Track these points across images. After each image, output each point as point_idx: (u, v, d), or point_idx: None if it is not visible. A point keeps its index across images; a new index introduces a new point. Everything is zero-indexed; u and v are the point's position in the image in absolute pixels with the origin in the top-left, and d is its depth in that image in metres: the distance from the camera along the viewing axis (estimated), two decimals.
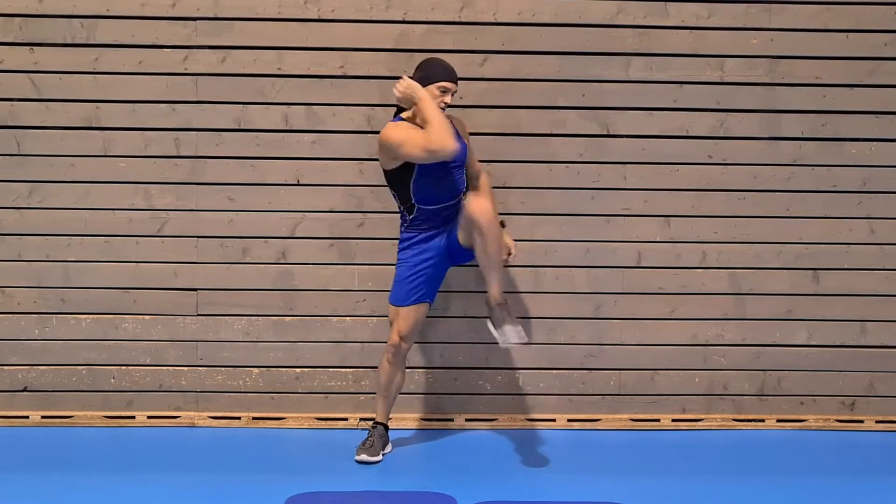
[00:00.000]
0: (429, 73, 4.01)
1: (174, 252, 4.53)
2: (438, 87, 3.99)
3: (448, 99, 4.02)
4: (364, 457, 4.08)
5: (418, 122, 4.00)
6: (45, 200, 4.50)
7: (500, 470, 4.07)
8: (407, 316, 4.08)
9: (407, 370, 4.52)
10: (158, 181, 4.50)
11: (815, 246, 4.61)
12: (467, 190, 4.18)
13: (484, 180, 4.32)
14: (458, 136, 4.06)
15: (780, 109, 4.56)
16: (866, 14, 4.53)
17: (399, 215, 4.16)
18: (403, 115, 4.08)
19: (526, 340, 3.94)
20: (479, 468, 4.08)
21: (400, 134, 3.95)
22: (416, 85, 3.96)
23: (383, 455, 4.15)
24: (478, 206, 3.85)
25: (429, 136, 3.85)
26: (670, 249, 4.60)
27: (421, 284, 4.07)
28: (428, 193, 4.03)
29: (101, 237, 4.51)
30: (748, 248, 4.60)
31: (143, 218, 4.51)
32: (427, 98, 3.93)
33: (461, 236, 3.99)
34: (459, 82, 4.45)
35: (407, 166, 3.98)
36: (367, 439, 4.15)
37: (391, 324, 4.13)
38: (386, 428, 4.24)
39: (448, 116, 4.01)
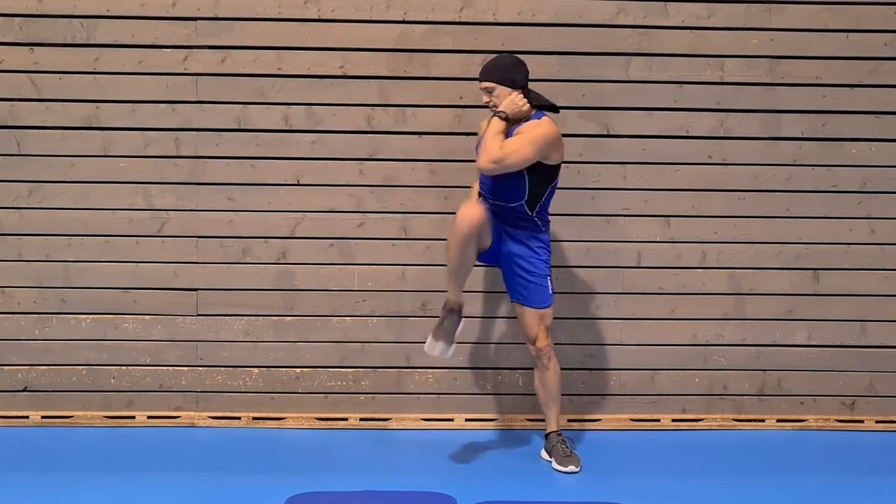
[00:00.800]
0: (520, 78, 3.99)
1: (174, 252, 4.53)
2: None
3: (486, 98, 4.03)
4: (441, 345, 3.97)
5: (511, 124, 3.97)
6: (45, 200, 4.50)
7: (500, 470, 4.07)
8: (552, 311, 4.08)
9: (408, 370, 4.54)
10: (158, 181, 4.50)
11: (815, 246, 4.61)
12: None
13: None
14: None
15: (780, 109, 4.57)
16: (866, 14, 4.53)
17: (525, 217, 4.01)
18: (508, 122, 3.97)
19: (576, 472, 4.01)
20: (479, 468, 4.08)
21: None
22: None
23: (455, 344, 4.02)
24: (535, 332, 4.07)
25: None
26: (670, 249, 4.60)
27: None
28: (553, 194, 4.06)
29: (101, 237, 4.51)
30: (748, 248, 4.61)
31: (143, 218, 4.51)
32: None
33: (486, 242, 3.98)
34: (459, 82, 4.48)
35: (555, 166, 3.97)
36: (443, 323, 4.00)
37: (532, 330, 4.04)
38: (461, 310, 4.04)
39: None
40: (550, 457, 4.10)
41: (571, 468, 4.01)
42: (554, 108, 4.06)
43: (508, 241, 4.00)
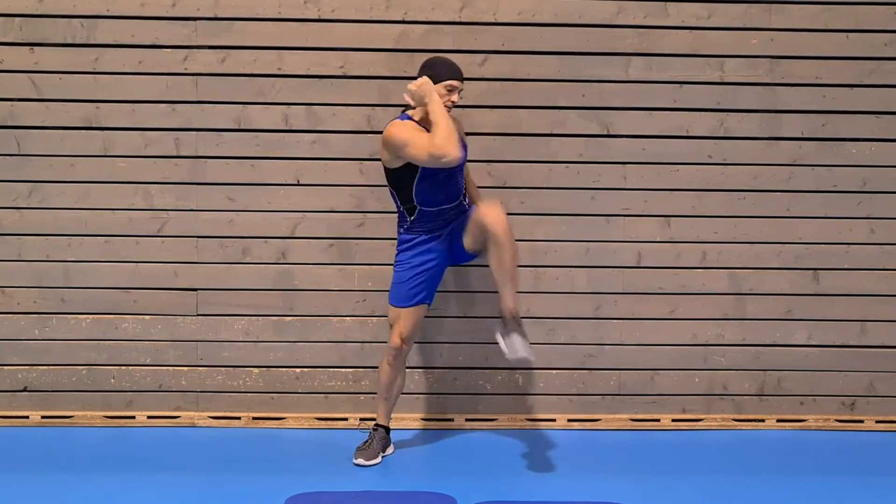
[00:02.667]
0: (435, 71, 3.96)
1: (174, 252, 4.53)
2: (446, 87, 3.95)
3: (455, 98, 3.98)
4: (361, 460, 4.06)
5: (423, 123, 3.97)
6: (45, 200, 4.50)
7: (500, 470, 4.07)
8: (408, 317, 4.07)
9: (407, 370, 4.53)
10: (158, 181, 4.50)
11: (815, 246, 4.61)
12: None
13: (472, 178, 4.36)
14: (461, 137, 4.06)
15: (780, 109, 4.56)
16: (866, 14, 4.53)
17: (397, 216, 4.14)
18: (410, 112, 4.05)
19: (532, 359, 3.90)
20: (479, 468, 4.08)
21: (405, 133, 3.91)
22: (430, 84, 3.91)
23: (383, 457, 4.14)
24: (493, 215, 3.81)
25: (434, 140, 3.80)
26: (670, 249, 4.60)
27: (422, 285, 4.06)
28: (431, 195, 4.00)
29: (101, 237, 4.51)
30: (748, 248, 4.60)
31: (143, 218, 4.51)
32: (438, 101, 3.89)
33: (468, 241, 3.98)
34: None
35: (410, 167, 3.95)
36: (366, 442, 4.14)
37: (391, 326, 4.12)
38: (387, 430, 4.22)
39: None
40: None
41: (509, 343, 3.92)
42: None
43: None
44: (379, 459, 4.11)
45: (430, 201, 4.01)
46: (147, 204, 4.51)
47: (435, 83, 3.93)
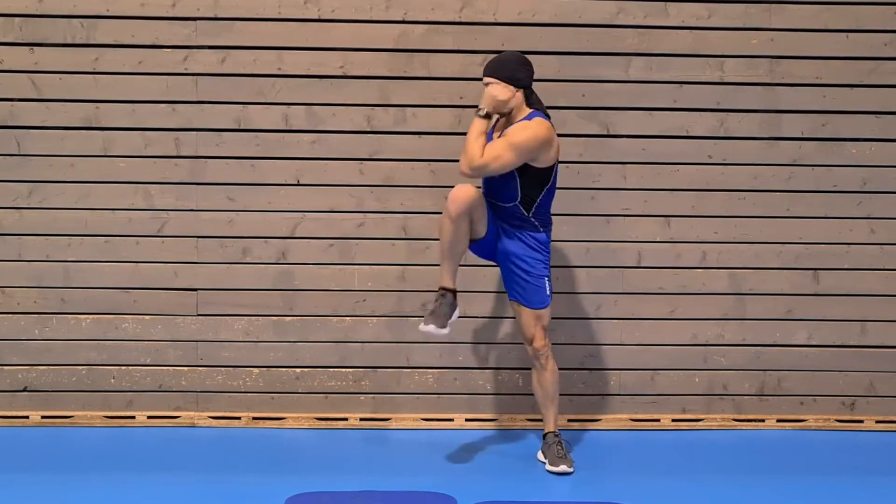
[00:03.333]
0: (525, 76, 3.95)
1: (174, 252, 4.53)
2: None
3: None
4: (432, 326, 3.86)
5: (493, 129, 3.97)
6: (45, 200, 4.50)
7: (500, 470, 4.07)
8: (549, 312, 4.06)
9: (407, 370, 4.54)
10: (158, 181, 4.50)
11: (815, 246, 4.61)
12: None
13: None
14: None
15: (780, 109, 4.56)
16: (866, 14, 4.53)
17: (534, 218, 3.98)
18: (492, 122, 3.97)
19: (446, 332, 3.88)
20: (479, 468, 4.08)
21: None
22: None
23: (450, 326, 3.93)
24: (529, 326, 4.03)
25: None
26: (670, 249, 4.60)
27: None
28: (551, 195, 4.02)
29: (101, 237, 4.51)
30: (748, 248, 4.60)
31: (143, 218, 4.51)
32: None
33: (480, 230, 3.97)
34: (459, 82, 4.48)
35: (546, 169, 3.92)
36: (434, 308, 3.91)
37: (529, 330, 4.01)
38: (454, 294, 3.95)
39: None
40: (545, 458, 4.10)
41: (563, 468, 3.99)
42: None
43: (506, 239, 3.99)
44: (447, 330, 3.91)
45: (550, 201, 4.04)
46: (147, 204, 4.51)
47: (524, 86, 3.94)
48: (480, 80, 4.48)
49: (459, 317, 4.53)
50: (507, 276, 4.05)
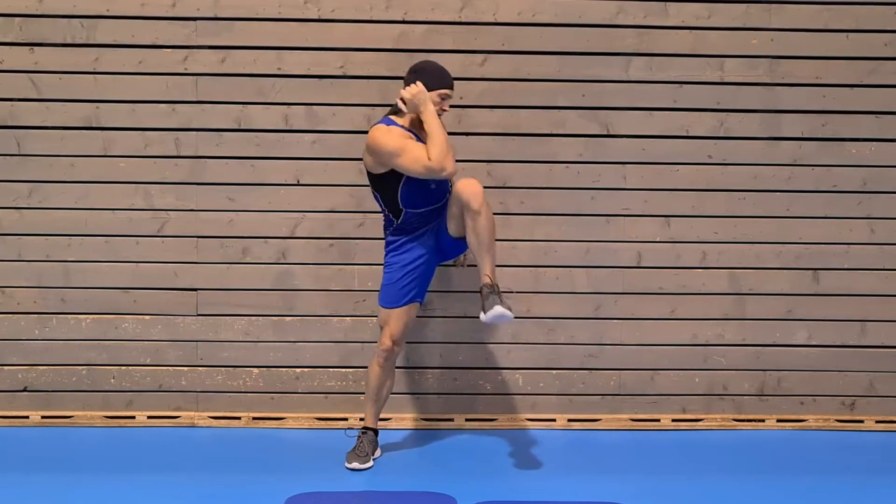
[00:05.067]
0: (428, 78, 3.91)
1: (174, 252, 4.53)
2: (439, 95, 3.91)
3: (447, 106, 3.95)
4: (356, 465, 4.00)
5: (411, 128, 3.93)
6: (45, 200, 4.50)
7: (500, 470, 4.07)
8: (399, 317, 4.03)
9: (407, 370, 4.54)
10: (158, 181, 4.50)
11: (815, 246, 4.61)
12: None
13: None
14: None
15: (780, 109, 4.57)
16: (866, 14, 4.53)
17: (383, 218, 4.11)
18: (393, 117, 3.98)
19: (511, 317, 3.79)
20: (479, 468, 4.08)
21: (395, 143, 3.85)
22: (426, 93, 3.87)
23: (374, 461, 4.09)
24: (467, 186, 3.78)
25: (431, 154, 3.78)
26: (670, 249, 4.60)
27: (412, 284, 4.02)
28: (417, 198, 3.96)
29: (101, 237, 4.51)
30: (748, 248, 4.60)
31: (143, 218, 4.51)
32: (433, 111, 3.85)
33: (451, 227, 3.94)
34: (459, 82, 4.46)
35: (395, 172, 3.90)
36: (357, 446, 4.08)
37: (381, 328, 4.09)
38: (376, 433, 4.17)
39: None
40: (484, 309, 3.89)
41: (500, 310, 3.79)
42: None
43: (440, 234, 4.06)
44: (371, 463, 4.05)
45: (417, 203, 3.98)
46: (147, 204, 4.51)
47: (429, 90, 3.89)
48: (480, 80, 4.52)
49: (458, 317, 4.56)
50: (433, 270, 4.14)
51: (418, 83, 3.89)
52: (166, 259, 4.52)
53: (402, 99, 3.92)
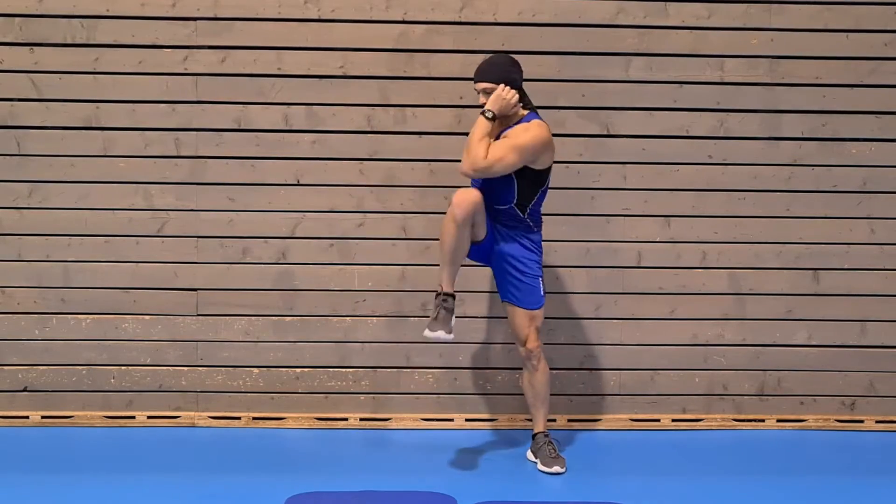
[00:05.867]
0: (519, 76, 3.95)
1: (174, 252, 4.53)
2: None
3: (483, 99, 3.97)
4: (441, 333, 3.87)
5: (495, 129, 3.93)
6: (45, 200, 4.50)
7: (500, 470, 4.07)
8: (543, 312, 4.06)
9: (407, 370, 4.54)
10: (158, 181, 4.50)
11: (815, 246, 4.61)
12: None
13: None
14: None
15: (780, 109, 4.56)
16: (866, 14, 4.53)
17: (528, 219, 4.01)
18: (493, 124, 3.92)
19: (451, 337, 3.90)
20: (479, 468, 4.08)
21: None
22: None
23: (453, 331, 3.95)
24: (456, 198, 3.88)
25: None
26: (670, 249, 4.60)
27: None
28: (544, 196, 4.04)
29: (101, 237, 4.51)
30: (748, 248, 4.60)
31: (143, 218, 4.51)
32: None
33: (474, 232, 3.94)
34: (459, 82, 4.47)
35: (544, 170, 3.94)
36: (438, 314, 3.90)
37: (523, 331, 4.01)
38: (453, 297, 3.95)
39: None
40: (536, 458, 4.09)
41: (556, 469, 3.99)
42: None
43: (500, 240, 3.99)
44: (453, 335, 3.92)
45: (542, 201, 4.05)
46: (147, 204, 4.51)
47: (519, 87, 3.94)
48: None
49: (458, 317, 4.55)
50: (502, 278, 4.05)
51: (507, 87, 3.90)
52: (166, 259, 4.52)
53: (495, 102, 3.89)
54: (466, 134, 4.48)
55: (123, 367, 4.55)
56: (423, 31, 4.48)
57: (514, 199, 3.94)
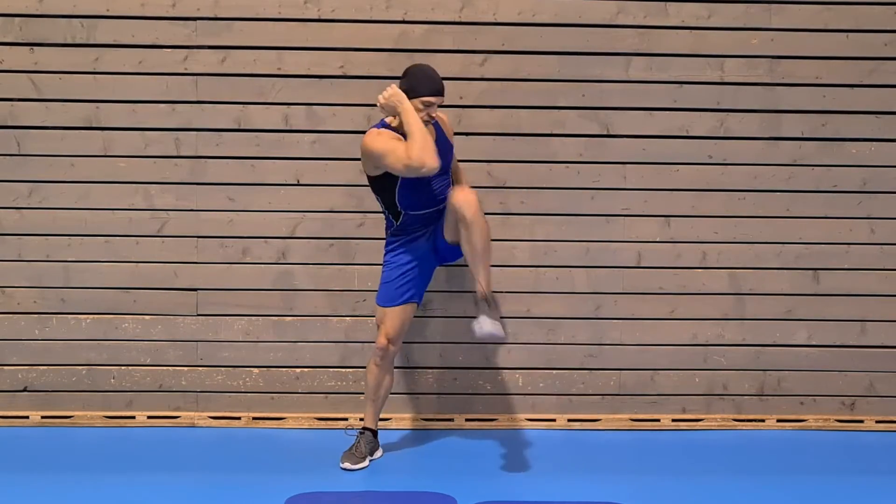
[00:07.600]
0: (414, 85, 3.88)
1: (174, 252, 4.53)
2: (422, 102, 3.86)
3: (433, 112, 3.91)
4: (348, 465, 4.00)
5: (402, 130, 3.90)
6: (45, 200, 4.50)
7: (500, 470, 4.07)
8: (395, 317, 4.04)
9: (407, 370, 4.54)
10: (158, 181, 4.50)
11: (815, 246, 4.61)
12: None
13: (461, 173, 4.30)
14: (445, 139, 4.03)
15: (780, 109, 4.57)
16: (866, 14, 4.53)
17: (384, 218, 4.12)
18: (388, 120, 3.98)
19: (501, 337, 3.89)
20: (479, 468, 4.08)
21: (383, 144, 3.86)
22: (401, 95, 3.84)
23: (370, 461, 4.08)
24: (463, 197, 3.79)
25: (409, 152, 3.75)
26: (670, 249, 4.60)
27: (409, 284, 4.04)
28: (414, 200, 3.97)
29: (101, 237, 4.51)
30: (748, 248, 4.60)
31: (143, 218, 4.51)
32: (410, 110, 3.82)
33: (447, 233, 3.95)
34: (459, 82, 4.46)
35: (391, 174, 3.90)
36: (353, 446, 4.09)
37: (378, 327, 4.10)
38: (374, 433, 4.17)
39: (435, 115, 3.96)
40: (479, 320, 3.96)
41: (348, 465, 4.02)
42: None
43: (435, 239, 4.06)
44: (366, 463, 4.05)
45: (414, 205, 3.99)
46: (147, 204, 4.51)
47: (410, 97, 3.85)
48: (481, 79, 4.52)
49: (458, 317, 4.56)
50: (431, 271, 4.15)
51: (393, 86, 3.89)
52: (166, 259, 4.52)
53: (378, 105, 3.91)
54: (466, 134, 4.50)
55: (123, 367, 4.55)
56: (423, 31, 4.48)
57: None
